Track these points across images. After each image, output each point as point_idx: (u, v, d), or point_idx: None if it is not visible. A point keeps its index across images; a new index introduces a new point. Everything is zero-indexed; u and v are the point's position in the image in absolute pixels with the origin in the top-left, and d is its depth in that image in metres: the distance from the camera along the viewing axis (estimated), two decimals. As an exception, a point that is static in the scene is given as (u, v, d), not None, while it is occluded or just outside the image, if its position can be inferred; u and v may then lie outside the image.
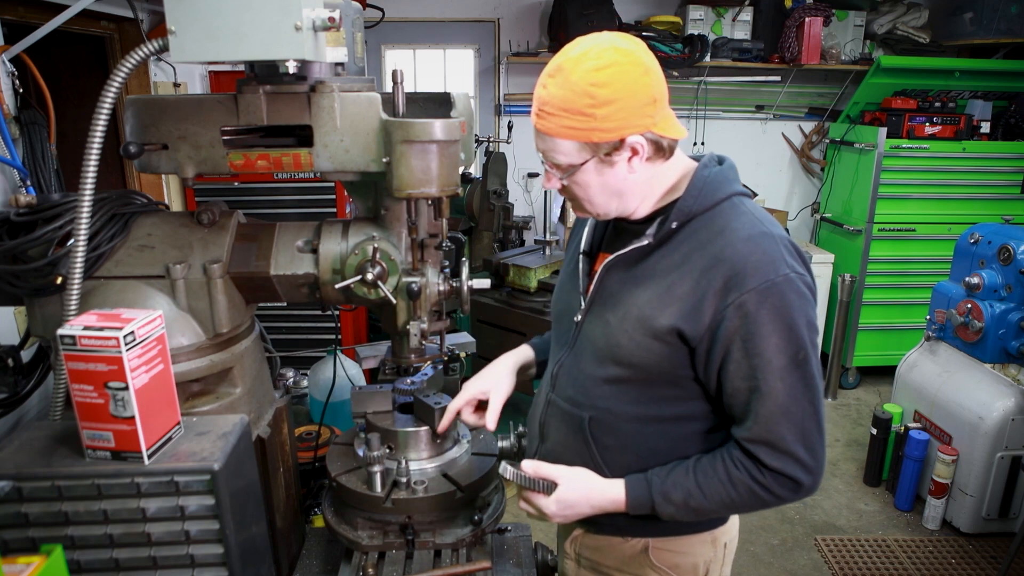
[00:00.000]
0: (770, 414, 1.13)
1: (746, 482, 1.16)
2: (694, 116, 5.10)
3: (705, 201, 1.19)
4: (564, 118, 1.12)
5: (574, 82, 1.10)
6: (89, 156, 1.13)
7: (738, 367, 1.14)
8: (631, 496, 1.23)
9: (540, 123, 1.15)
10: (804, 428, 1.14)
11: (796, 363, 1.12)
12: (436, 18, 4.99)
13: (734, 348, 1.13)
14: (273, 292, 1.40)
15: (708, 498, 1.19)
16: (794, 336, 1.11)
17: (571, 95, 1.10)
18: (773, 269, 1.11)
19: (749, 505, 1.19)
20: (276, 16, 1.03)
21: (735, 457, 1.18)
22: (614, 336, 1.23)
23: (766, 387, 1.12)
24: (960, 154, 4.48)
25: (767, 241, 1.13)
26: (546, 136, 1.16)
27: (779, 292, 1.10)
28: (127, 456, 1.06)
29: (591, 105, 1.10)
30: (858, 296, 4.63)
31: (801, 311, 1.12)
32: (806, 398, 1.13)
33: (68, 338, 1.00)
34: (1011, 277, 3.10)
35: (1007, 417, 3.02)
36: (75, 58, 3.10)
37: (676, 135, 1.18)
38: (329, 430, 2.21)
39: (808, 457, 1.15)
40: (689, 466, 1.21)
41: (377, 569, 1.33)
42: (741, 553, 3.10)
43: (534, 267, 3.51)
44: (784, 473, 1.15)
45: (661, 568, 1.35)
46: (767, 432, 1.14)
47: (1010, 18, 4.40)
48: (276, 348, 1.77)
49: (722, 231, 1.16)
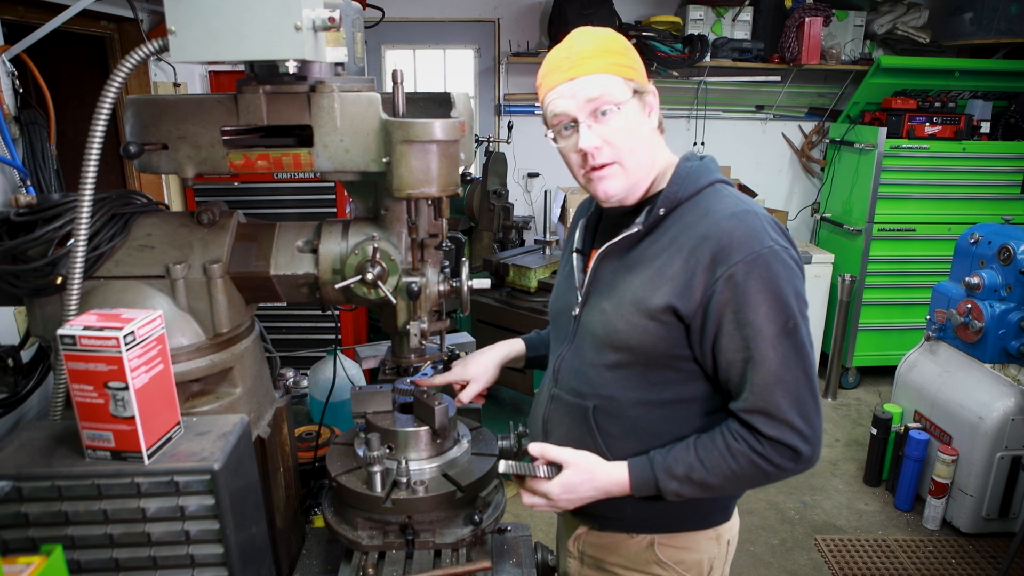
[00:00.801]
0: (764, 383, 1.15)
1: (746, 453, 1.18)
2: (694, 116, 5.10)
3: (689, 188, 1.25)
4: (606, 56, 1.21)
5: (599, 35, 1.23)
6: (89, 156, 1.13)
7: (731, 339, 1.17)
8: (634, 475, 1.24)
9: (581, 67, 1.21)
10: (799, 396, 1.16)
11: (786, 331, 1.15)
12: (436, 18, 4.99)
13: (726, 320, 1.16)
14: (273, 292, 1.40)
15: (710, 472, 1.20)
16: (783, 305, 1.15)
17: (604, 41, 1.22)
18: (758, 242, 1.15)
19: (751, 476, 1.20)
20: (276, 16, 1.02)
21: (733, 429, 1.20)
22: (611, 322, 1.26)
23: (759, 356, 1.15)
24: (960, 154, 4.49)
25: (750, 217, 1.18)
26: (588, 79, 1.21)
27: (765, 263, 1.14)
28: (127, 456, 1.06)
29: (624, 48, 1.23)
30: (858, 296, 4.63)
31: (788, 281, 1.16)
32: (799, 367, 1.16)
33: (68, 338, 1.00)
34: (1011, 277, 3.10)
35: (1007, 417, 3.02)
36: (75, 58, 3.10)
37: None
38: (329, 430, 2.21)
39: (804, 425, 1.17)
40: (690, 442, 1.24)
41: (377, 569, 1.33)
42: (741, 553, 3.11)
43: (534, 267, 3.51)
44: (782, 441, 1.17)
45: (667, 564, 1.37)
46: (763, 401, 1.16)
47: (1010, 18, 4.40)
48: (276, 348, 1.77)
49: (707, 212, 1.21)
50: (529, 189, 5.27)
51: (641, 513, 1.32)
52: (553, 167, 4.77)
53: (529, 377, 3.40)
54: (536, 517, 3.23)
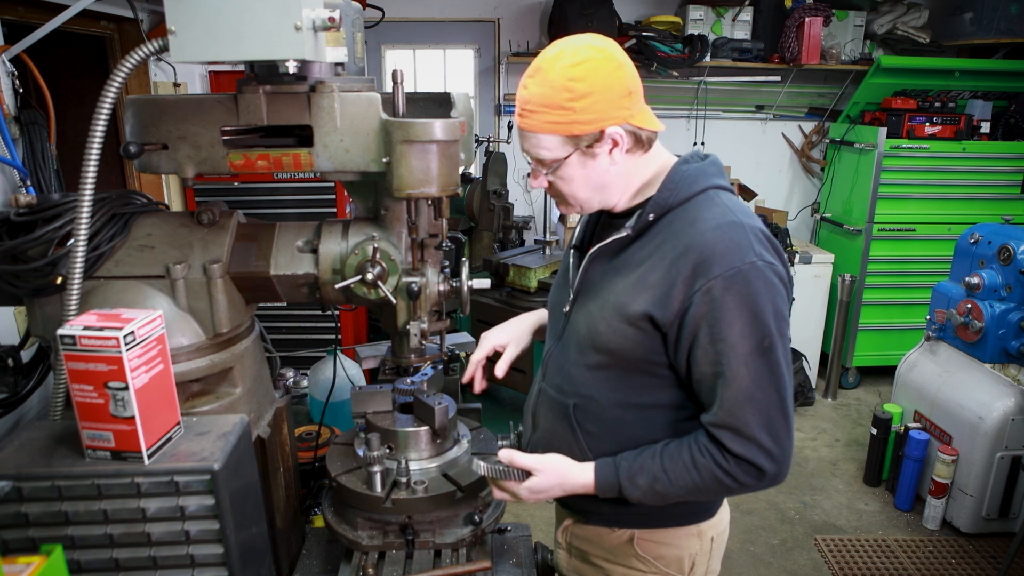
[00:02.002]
0: (734, 399, 1.15)
1: (710, 468, 1.18)
2: (694, 116, 5.10)
3: (681, 194, 1.22)
4: (545, 114, 1.16)
5: (552, 79, 1.15)
6: (89, 156, 1.13)
7: (704, 352, 1.16)
8: (599, 479, 1.26)
9: (523, 122, 1.20)
10: (769, 416, 1.16)
11: (761, 350, 1.14)
12: (436, 18, 4.99)
13: (701, 333, 1.15)
14: (273, 292, 1.41)
15: (673, 483, 1.21)
16: (759, 323, 1.13)
17: (550, 91, 1.15)
18: (739, 256, 1.13)
19: (713, 491, 1.21)
20: (276, 16, 1.03)
21: (701, 443, 1.20)
22: (594, 324, 1.27)
23: (730, 372, 1.14)
24: (960, 154, 4.48)
25: (735, 230, 1.16)
26: (530, 134, 1.20)
27: (744, 279, 1.13)
28: (127, 456, 1.06)
29: (570, 99, 1.14)
30: (858, 296, 4.63)
31: (768, 299, 1.14)
32: (772, 386, 1.15)
33: (68, 338, 1.00)
34: (1011, 277, 3.10)
35: (1007, 417, 3.02)
36: (75, 58, 3.10)
37: (654, 127, 1.23)
38: (329, 430, 2.21)
39: (772, 445, 1.16)
40: (657, 451, 1.24)
41: (377, 569, 1.33)
42: (741, 553, 3.11)
43: (534, 267, 3.51)
44: (747, 459, 1.16)
45: (646, 558, 1.38)
46: (731, 417, 1.16)
47: (1010, 18, 4.40)
48: (276, 348, 1.77)
49: (694, 221, 1.19)
50: (529, 189, 5.27)
51: (619, 509, 1.34)
52: (553, 167, 4.75)
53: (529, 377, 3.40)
54: (536, 517, 3.23)
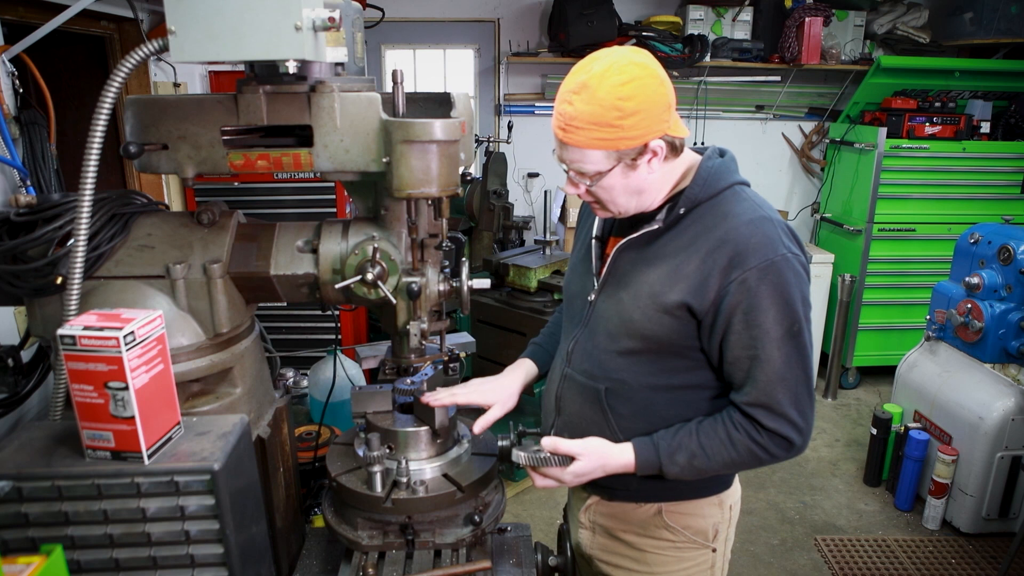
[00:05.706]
0: (768, 380, 1.25)
1: (745, 442, 1.29)
2: (694, 116, 5.10)
3: (710, 189, 1.31)
4: (593, 131, 1.21)
5: (601, 97, 1.19)
6: (89, 156, 1.13)
7: (739, 337, 1.26)
8: (640, 459, 1.33)
9: (569, 137, 1.24)
10: (797, 393, 1.27)
11: (791, 334, 1.25)
12: (436, 18, 4.99)
13: (736, 320, 1.25)
14: (273, 292, 1.40)
15: (711, 459, 1.30)
16: (790, 310, 1.24)
17: (600, 110, 1.19)
18: (772, 249, 1.23)
19: (747, 463, 1.32)
20: (276, 16, 1.02)
21: (735, 420, 1.30)
22: (627, 312, 1.34)
23: (764, 355, 1.24)
24: (960, 154, 4.49)
25: (767, 225, 1.26)
26: (574, 148, 1.25)
27: (777, 270, 1.23)
28: (127, 456, 1.06)
29: (619, 117, 1.19)
30: (858, 296, 4.63)
31: (797, 288, 1.25)
32: (799, 366, 1.26)
33: (68, 338, 1.00)
34: (1011, 277, 3.10)
35: (1007, 417, 3.02)
36: (75, 58, 3.10)
37: (684, 134, 1.30)
38: (329, 430, 2.21)
39: (800, 419, 1.28)
40: (692, 429, 1.33)
41: (377, 569, 1.33)
42: (741, 553, 3.11)
43: (534, 267, 3.51)
44: (779, 433, 1.28)
45: (676, 528, 1.47)
46: (765, 396, 1.26)
47: (1010, 18, 4.40)
48: (276, 348, 1.77)
49: (726, 216, 1.28)
50: (529, 189, 5.27)
51: (646, 485, 1.41)
52: (553, 167, 4.77)
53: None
54: (536, 517, 3.23)
